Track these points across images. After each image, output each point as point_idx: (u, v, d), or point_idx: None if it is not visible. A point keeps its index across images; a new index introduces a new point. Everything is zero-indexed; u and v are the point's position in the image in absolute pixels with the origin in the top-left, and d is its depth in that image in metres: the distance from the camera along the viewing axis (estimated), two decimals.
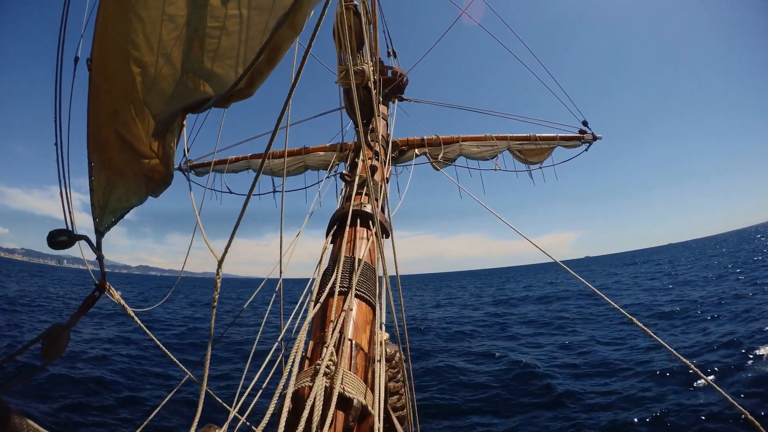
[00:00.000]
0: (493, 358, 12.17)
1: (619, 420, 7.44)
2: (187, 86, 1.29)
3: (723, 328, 12.78)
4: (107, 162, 1.27)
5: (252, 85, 1.33)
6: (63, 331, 1.36)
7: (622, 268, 64.48)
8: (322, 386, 1.54)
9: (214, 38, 1.26)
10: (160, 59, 1.20)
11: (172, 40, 1.21)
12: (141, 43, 1.15)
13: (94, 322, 18.05)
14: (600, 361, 11.09)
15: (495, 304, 28.55)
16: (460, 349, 13.84)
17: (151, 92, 1.22)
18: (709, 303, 17.93)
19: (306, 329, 1.88)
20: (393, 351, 3.36)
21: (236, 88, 1.31)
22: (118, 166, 1.30)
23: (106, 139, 1.23)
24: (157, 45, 1.18)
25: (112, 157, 1.27)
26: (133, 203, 1.43)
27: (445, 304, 31.38)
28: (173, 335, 17.27)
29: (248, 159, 6.76)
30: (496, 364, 11.62)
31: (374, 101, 3.80)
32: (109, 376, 10.52)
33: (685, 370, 9.14)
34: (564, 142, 6.53)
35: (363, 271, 2.32)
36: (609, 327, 15.68)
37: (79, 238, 1.30)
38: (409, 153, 5.85)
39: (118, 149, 1.26)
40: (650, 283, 31.41)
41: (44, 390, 8.82)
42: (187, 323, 21.33)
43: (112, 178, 1.31)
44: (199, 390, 1.64)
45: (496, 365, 11.46)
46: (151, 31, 1.16)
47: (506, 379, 10.18)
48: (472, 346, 14.23)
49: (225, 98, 1.33)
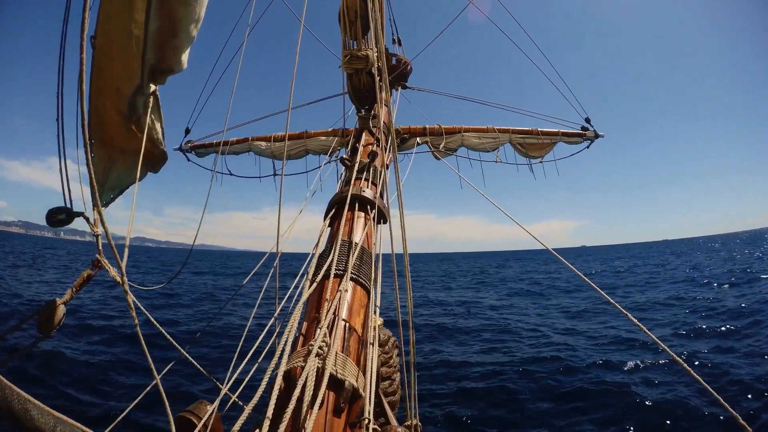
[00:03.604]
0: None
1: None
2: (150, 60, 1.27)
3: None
4: (108, 139, 1.27)
5: (164, 58, 1.29)
6: (58, 307, 1.37)
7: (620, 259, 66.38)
8: (314, 367, 1.55)
9: (170, 8, 1.23)
10: (142, 35, 1.19)
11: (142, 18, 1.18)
12: (141, 22, 1.15)
13: (92, 297, 18.12)
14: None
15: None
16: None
17: (132, 69, 1.22)
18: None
19: (300, 309, 1.89)
20: (386, 336, 3.39)
21: (147, 59, 1.26)
22: (119, 144, 1.30)
23: (109, 117, 1.23)
24: (141, 22, 1.16)
25: (113, 135, 1.27)
26: (133, 179, 1.43)
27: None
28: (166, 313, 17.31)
29: (249, 141, 6.74)
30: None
31: (377, 88, 3.77)
32: (100, 353, 10.61)
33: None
34: (566, 137, 6.52)
35: (359, 254, 2.33)
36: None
37: (77, 215, 1.31)
38: (410, 141, 5.84)
39: (119, 126, 1.26)
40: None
41: (36, 367, 8.84)
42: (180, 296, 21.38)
43: (113, 155, 1.31)
44: (190, 367, 1.66)
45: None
46: (139, 7, 1.14)
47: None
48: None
49: (152, 72, 1.30)
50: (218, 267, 58.49)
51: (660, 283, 28.22)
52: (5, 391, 0.98)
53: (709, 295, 20.20)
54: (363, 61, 3.66)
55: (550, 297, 24.42)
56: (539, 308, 20.30)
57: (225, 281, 31.63)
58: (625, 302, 20.55)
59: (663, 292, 22.94)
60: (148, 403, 3.15)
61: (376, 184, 3.07)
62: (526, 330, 14.62)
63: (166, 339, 2.48)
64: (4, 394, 0.97)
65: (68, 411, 6.38)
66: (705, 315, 15.57)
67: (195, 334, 12.18)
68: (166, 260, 75.21)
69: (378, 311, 2.25)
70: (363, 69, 3.71)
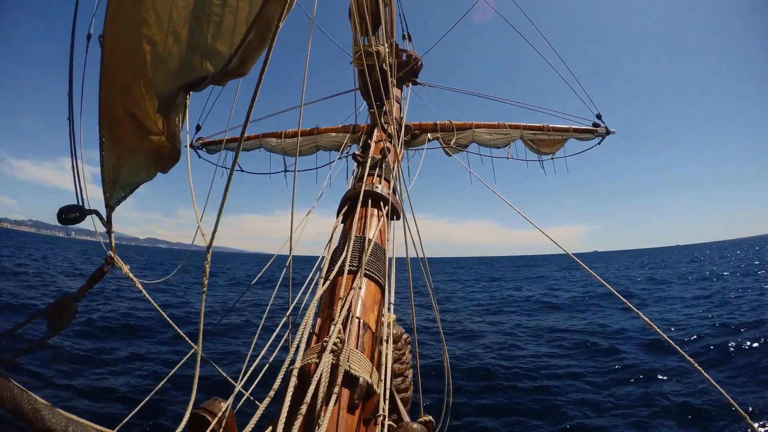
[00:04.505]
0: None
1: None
2: (192, 64, 1.29)
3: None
4: (118, 138, 1.28)
5: (245, 63, 1.32)
6: (71, 303, 1.38)
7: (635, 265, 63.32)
8: (329, 363, 1.55)
9: (218, 16, 1.26)
10: (169, 37, 1.20)
11: (181, 18, 1.21)
12: (151, 21, 1.15)
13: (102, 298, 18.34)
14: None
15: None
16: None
17: (159, 69, 1.22)
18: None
19: (314, 306, 1.89)
20: (399, 333, 3.39)
21: (230, 65, 1.30)
22: (129, 142, 1.31)
23: (117, 115, 1.23)
24: (167, 23, 1.18)
25: (123, 133, 1.28)
26: (143, 178, 1.45)
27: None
28: (180, 310, 17.45)
29: (260, 138, 6.76)
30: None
31: (389, 83, 3.76)
32: (112, 349, 10.74)
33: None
34: (577, 134, 6.45)
35: (373, 251, 2.32)
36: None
37: (90, 213, 1.31)
38: (421, 137, 5.81)
39: (128, 125, 1.27)
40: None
41: (47, 362, 8.98)
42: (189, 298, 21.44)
43: (123, 154, 1.32)
44: (203, 363, 1.67)
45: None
46: (161, 8, 1.16)
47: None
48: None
49: (220, 76, 1.33)
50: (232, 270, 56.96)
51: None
52: (14, 392, 0.97)
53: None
54: (374, 57, 3.64)
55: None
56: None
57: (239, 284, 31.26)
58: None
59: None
60: (156, 401, 3.15)
61: (389, 180, 3.06)
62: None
63: (177, 336, 2.50)
64: (13, 395, 0.96)
65: (73, 411, 6.47)
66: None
67: (208, 331, 12.26)
68: (178, 261, 75.14)
69: (392, 308, 2.24)
70: (374, 65, 3.70)
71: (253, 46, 1.27)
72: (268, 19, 1.22)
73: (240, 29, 1.29)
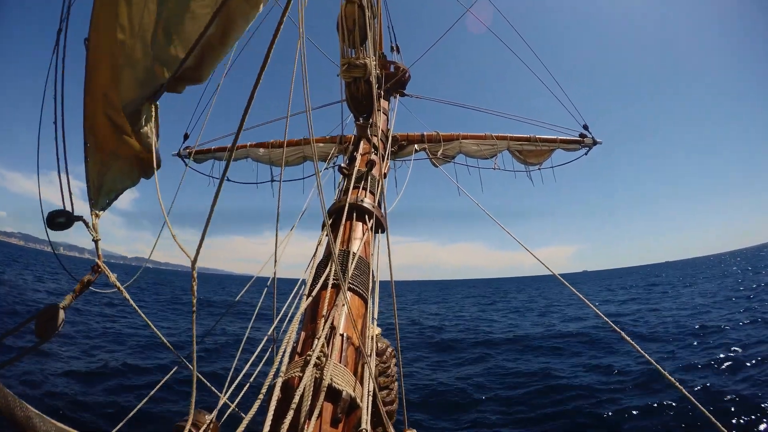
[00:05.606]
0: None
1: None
2: (155, 73, 1.28)
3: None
4: (101, 144, 1.28)
5: (201, 64, 1.30)
6: (58, 312, 1.36)
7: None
8: (312, 377, 1.55)
9: (179, 23, 1.24)
10: (137, 43, 1.19)
11: (147, 25, 1.20)
12: (126, 26, 1.15)
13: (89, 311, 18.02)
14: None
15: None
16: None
17: (127, 78, 1.22)
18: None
19: (298, 321, 1.88)
20: (384, 346, 3.37)
21: (184, 65, 1.28)
22: (112, 148, 1.31)
23: (100, 122, 1.23)
24: (138, 28, 1.18)
25: (106, 140, 1.28)
26: (127, 184, 1.45)
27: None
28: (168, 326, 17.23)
29: (248, 147, 6.73)
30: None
31: (375, 96, 3.78)
32: (98, 362, 10.51)
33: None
34: (564, 144, 6.52)
35: (357, 264, 2.32)
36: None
37: (77, 219, 1.31)
38: (408, 148, 5.83)
39: (110, 132, 1.26)
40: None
41: (32, 376, 8.75)
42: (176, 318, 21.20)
43: (106, 160, 1.32)
44: (190, 375, 1.65)
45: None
46: (135, 13, 1.15)
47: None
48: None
49: (175, 79, 1.31)
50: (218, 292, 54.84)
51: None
52: (7, 399, 0.96)
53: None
54: (361, 70, 3.67)
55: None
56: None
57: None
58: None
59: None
60: (143, 413, 3.10)
61: (374, 193, 3.06)
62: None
63: (161, 348, 2.46)
64: (6, 402, 0.95)
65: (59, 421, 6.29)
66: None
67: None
68: (165, 280, 74.14)
69: (376, 321, 2.23)
70: (361, 77, 3.72)
71: (213, 42, 1.25)
72: (233, 15, 1.20)
73: (198, 34, 1.26)
